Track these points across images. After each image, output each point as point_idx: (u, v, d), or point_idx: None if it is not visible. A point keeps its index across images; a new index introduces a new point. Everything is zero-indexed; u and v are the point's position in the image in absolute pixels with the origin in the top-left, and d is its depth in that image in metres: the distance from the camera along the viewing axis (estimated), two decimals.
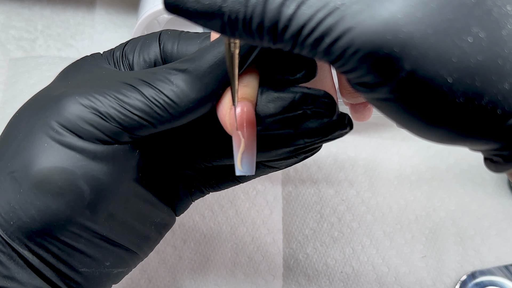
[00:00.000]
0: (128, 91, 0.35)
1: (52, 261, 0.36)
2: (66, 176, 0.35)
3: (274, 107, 0.37)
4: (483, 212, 0.56)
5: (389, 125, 0.59)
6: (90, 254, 0.37)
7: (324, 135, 0.38)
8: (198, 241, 0.53)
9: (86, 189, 0.35)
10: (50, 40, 0.62)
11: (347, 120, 0.38)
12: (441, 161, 0.58)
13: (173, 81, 0.35)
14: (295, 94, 0.37)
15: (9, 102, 0.58)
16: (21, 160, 0.35)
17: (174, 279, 0.51)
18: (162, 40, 0.39)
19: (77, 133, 0.35)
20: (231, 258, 0.53)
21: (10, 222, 0.35)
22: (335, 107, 0.37)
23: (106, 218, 0.37)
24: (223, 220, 0.54)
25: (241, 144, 0.36)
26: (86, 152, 0.35)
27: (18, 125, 0.36)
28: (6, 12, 0.63)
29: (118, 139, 0.36)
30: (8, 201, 0.35)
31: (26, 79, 0.59)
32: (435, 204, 0.57)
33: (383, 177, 0.57)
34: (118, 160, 0.36)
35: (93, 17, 0.63)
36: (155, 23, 0.52)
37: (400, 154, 0.59)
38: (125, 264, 0.40)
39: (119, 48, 0.40)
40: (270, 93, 0.37)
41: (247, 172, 0.36)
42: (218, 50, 0.35)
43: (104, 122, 0.35)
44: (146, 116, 0.35)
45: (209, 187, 0.43)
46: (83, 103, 0.35)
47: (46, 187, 0.35)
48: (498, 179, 0.58)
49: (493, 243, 0.55)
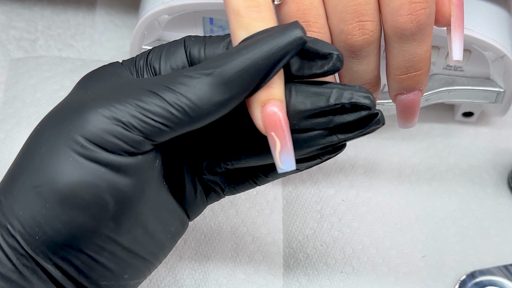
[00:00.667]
0: (148, 98, 0.35)
1: (74, 275, 0.36)
2: (91, 189, 0.35)
3: (310, 103, 0.37)
4: (483, 212, 0.56)
5: (389, 125, 0.59)
6: (111, 267, 0.37)
7: (359, 129, 0.38)
8: (198, 241, 0.53)
9: (110, 201, 0.35)
10: (51, 40, 0.62)
11: (380, 115, 0.38)
12: (441, 161, 0.58)
13: (196, 85, 0.35)
14: (331, 89, 0.37)
15: (9, 102, 0.58)
16: (45, 175, 0.35)
17: (174, 278, 0.51)
18: (188, 46, 0.39)
19: (101, 145, 0.35)
20: (232, 258, 0.53)
21: (35, 236, 0.35)
22: (373, 99, 0.37)
23: (129, 229, 0.37)
24: (224, 220, 0.54)
25: (276, 144, 0.36)
26: (111, 165, 0.35)
27: (39, 139, 0.36)
28: (6, 12, 0.63)
29: (140, 148, 0.36)
30: (33, 216, 0.35)
31: (26, 79, 0.59)
32: (435, 204, 0.57)
33: (383, 177, 0.57)
34: (141, 171, 0.36)
35: (93, 18, 0.63)
36: (155, 24, 0.52)
37: (400, 154, 0.59)
38: (141, 275, 0.40)
39: (141, 57, 0.40)
40: (305, 89, 0.38)
41: (288, 168, 0.37)
42: (246, 57, 0.36)
43: (127, 132, 0.35)
44: (167, 121, 0.35)
45: (227, 189, 0.43)
46: (106, 115, 0.35)
47: (72, 201, 0.35)
48: (498, 179, 0.58)
49: (493, 243, 0.55)
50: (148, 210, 0.38)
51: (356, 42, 0.39)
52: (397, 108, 0.43)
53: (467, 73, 0.54)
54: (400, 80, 0.41)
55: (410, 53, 0.40)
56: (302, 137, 0.38)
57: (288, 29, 0.36)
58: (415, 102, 0.42)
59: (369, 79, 0.41)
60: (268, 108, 0.36)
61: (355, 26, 0.39)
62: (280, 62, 0.36)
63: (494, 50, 0.51)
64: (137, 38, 0.52)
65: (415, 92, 0.42)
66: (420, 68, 0.41)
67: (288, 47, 0.36)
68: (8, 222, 0.35)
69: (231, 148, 0.41)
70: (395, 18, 0.39)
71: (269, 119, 0.36)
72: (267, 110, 0.36)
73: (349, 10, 0.39)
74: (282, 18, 0.40)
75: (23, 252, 0.35)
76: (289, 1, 0.39)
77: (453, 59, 0.41)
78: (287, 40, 0.36)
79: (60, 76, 0.59)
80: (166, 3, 0.50)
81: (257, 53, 0.36)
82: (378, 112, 0.38)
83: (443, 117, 0.60)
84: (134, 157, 0.36)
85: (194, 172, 0.42)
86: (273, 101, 0.36)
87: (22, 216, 0.35)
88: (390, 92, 0.43)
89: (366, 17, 0.39)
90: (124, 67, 0.40)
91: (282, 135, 0.36)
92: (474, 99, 0.55)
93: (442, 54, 0.53)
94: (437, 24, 0.41)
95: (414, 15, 0.38)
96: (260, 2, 0.37)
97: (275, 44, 0.36)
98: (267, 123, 0.36)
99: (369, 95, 0.37)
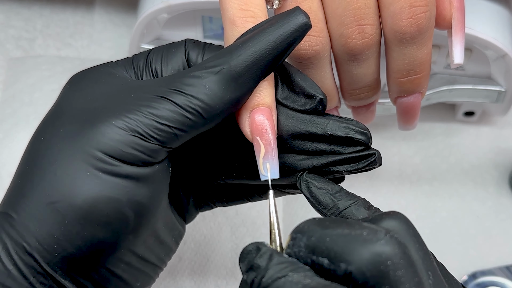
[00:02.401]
0: (159, 104, 0.35)
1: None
2: (112, 204, 0.34)
3: (304, 129, 0.37)
4: (484, 212, 0.56)
5: (389, 125, 0.59)
6: (126, 277, 0.37)
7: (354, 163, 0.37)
8: (198, 242, 0.53)
9: (131, 215, 0.35)
10: (49, 39, 0.62)
11: (377, 156, 0.37)
12: (441, 161, 0.58)
13: (205, 85, 0.35)
14: (329, 120, 0.37)
15: (8, 102, 0.58)
16: (62, 191, 0.34)
17: (174, 279, 0.51)
18: (187, 48, 0.39)
19: (120, 158, 0.34)
20: (231, 259, 0.52)
21: (54, 253, 0.34)
22: (370, 136, 0.37)
23: (144, 239, 0.37)
24: (223, 221, 0.54)
25: (260, 149, 0.36)
26: (130, 177, 0.34)
27: (48, 152, 0.35)
28: (5, 12, 0.62)
29: (157, 157, 0.35)
30: (51, 233, 0.34)
31: (25, 79, 0.59)
32: (436, 204, 0.56)
33: (383, 177, 0.57)
34: (157, 180, 0.36)
35: (92, 17, 0.63)
36: (154, 23, 0.52)
37: (400, 154, 0.59)
38: (151, 281, 0.40)
39: (140, 57, 0.39)
40: (300, 116, 0.37)
41: (272, 176, 0.36)
42: (253, 49, 0.35)
43: (145, 142, 0.34)
44: (182, 126, 0.35)
45: (218, 202, 0.42)
46: (120, 126, 0.34)
47: (93, 217, 0.34)
48: (499, 179, 0.58)
49: (494, 243, 0.55)
50: (161, 218, 0.38)
51: (356, 46, 0.39)
52: (398, 110, 0.43)
53: (468, 72, 0.54)
54: (401, 83, 0.41)
55: (410, 57, 0.40)
56: (296, 159, 0.38)
57: (291, 16, 0.36)
58: (415, 105, 0.42)
59: (369, 82, 0.41)
60: (255, 114, 0.36)
61: (355, 29, 0.39)
62: (288, 51, 0.36)
63: (495, 49, 0.50)
64: (136, 37, 0.52)
65: (416, 95, 0.42)
66: (421, 71, 0.40)
67: (294, 34, 0.35)
68: (24, 240, 0.34)
69: (222, 164, 0.40)
70: (395, 21, 0.39)
71: (256, 124, 0.36)
72: (254, 116, 0.36)
73: (348, 13, 0.39)
74: None
75: (41, 270, 0.34)
76: (287, 5, 0.39)
77: (454, 63, 0.41)
78: (293, 27, 0.35)
79: (58, 76, 0.59)
80: (165, 2, 0.50)
81: (264, 44, 0.35)
82: (375, 153, 0.37)
83: (444, 117, 0.60)
84: (151, 167, 0.35)
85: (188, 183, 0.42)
86: (261, 107, 0.36)
87: (39, 233, 0.34)
88: (390, 94, 0.42)
89: (365, 21, 0.39)
90: (120, 67, 0.39)
91: (267, 140, 0.36)
92: (475, 98, 0.55)
93: (443, 53, 0.53)
94: (438, 27, 0.41)
95: (414, 19, 0.38)
96: (256, 13, 0.37)
97: (281, 33, 0.35)
98: (253, 128, 0.36)
99: (366, 132, 0.37)
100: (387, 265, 0.28)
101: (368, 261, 0.28)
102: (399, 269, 0.28)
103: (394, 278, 0.28)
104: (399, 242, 0.29)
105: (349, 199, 0.36)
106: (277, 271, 0.30)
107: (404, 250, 0.29)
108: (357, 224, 0.30)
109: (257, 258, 0.31)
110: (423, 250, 0.31)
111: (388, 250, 0.29)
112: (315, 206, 0.37)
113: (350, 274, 0.29)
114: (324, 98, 0.37)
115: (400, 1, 0.38)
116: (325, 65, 0.40)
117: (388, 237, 0.29)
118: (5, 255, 0.34)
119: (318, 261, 0.30)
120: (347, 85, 0.42)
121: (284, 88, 0.38)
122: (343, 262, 0.29)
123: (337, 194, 0.37)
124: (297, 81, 0.37)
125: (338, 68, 0.41)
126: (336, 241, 0.29)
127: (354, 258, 0.29)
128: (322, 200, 0.37)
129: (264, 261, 0.31)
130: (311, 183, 0.37)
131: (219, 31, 0.54)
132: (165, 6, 0.50)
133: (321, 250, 0.30)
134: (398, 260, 0.29)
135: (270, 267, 0.30)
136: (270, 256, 0.31)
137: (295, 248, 0.31)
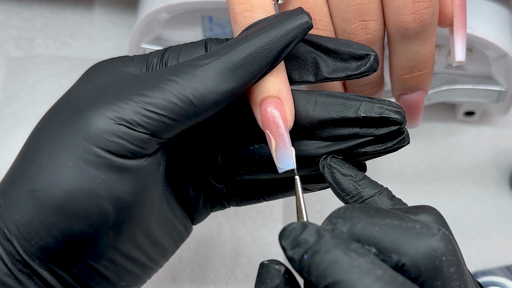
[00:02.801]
0: (151, 92, 0.34)
1: (71, 282, 0.35)
2: (91, 198, 0.34)
3: (336, 113, 0.36)
4: (485, 212, 0.56)
5: None
6: (109, 275, 0.36)
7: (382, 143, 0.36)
8: (198, 242, 0.53)
9: (110, 210, 0.34)
10: (49, 39, 0.62)
11: (406, 133, 0.37)
12: (442, 160, 0.58)
13: (201, 73, 0.34)
14: (360, 102, 0.36)
15: (7, 102, 0.58)
16: (44, 179, 0.34)
17: (174, 279, 0.51)
18: (209, 47, 0.38)
19: (105, 147, 0.33)
20: (231, 259, 0.52)
21: (32, 242, 0.34)
22: (404, 115, 0.36)
23: (130, 237, 0.36)
24: (223, 221, 0.54)
25: (272, 142, 0.36)
26: (113, 169, 0.34)
27: (39, 140, 0.35)
28: (4, 11, 0.62)
29: (146, 148, 0.34)
30: (30, 221, 0.34)
31: (25, 79, 0.59)
32: (436, 204, 0.56)
33: (383, 177, 0.57)
34: (145, 175, 0.35)
35: (92, 16, 0.63)
36: (154, 22, 0.52)
37: (400, 153, 0.58)
38: (140, 281, 0.39)
39: (155, 55, 0.38)
40: (331, 100, 0.37)
41: (285, 167, 0.36)
42: (252, 43, 0.35)
43: (131, 131, 0.34)
44: (171, 113, 0.34)
45: (233, 201, 0.41)
46: (108, 115, 0.33)
47: (71, 209, 0.33)
48: (500, 179, 0.58)
49: (495, 243, 0.55)
50: (151, 216, 0.37)
51: (359, 42, 0.39)
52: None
53: (468, 72, 0.54)
54: (404, 80, 0.41)
55: (413, 53, 0.40)
56: (319, 146, 0.37)
57: (293, 15, 0.36)
58: (419, 102, 0.42)
59: (372, 78, 0.41)
60: (264, 106, 0.36)
61: (358, 25, 0.39)
62: (287, 48, 0.35)
63: (495, 49, 0.50)
64: (136, 36, 0.52)
65: (419, 92, 0.41)
66: (424, 68, 0.40)
67: (295, 32, 0.35)
68: (5, 226, 0.34)
69: (240, 158, 0.39)
70: (399, 17, 0.38)
71: (265, 116, 0.36)
72: (263, 108, 0.36)
73: (351, 9, 0.39)
74: None
75: (19, 257, 0.34)
76: (293, 0, 0.39)
77: (456, 60, 0.41)
78: (294, 25, 0.35)
79: (58, 76, 0.59)
80: (165, 2, 0.50)
81: (264, 39, 0.35)
82: (404, 130, 0.36)
83: (445, 117, 0.60)
84: (139, 160, 0.34)
85: (199, 179, 0.41)
86: (269, 99, 0.36)
87: (19, 221, 0.34)
88: (393, 92, 0.42)
89: (369, 17, 0.39)
90: (133, 62, 0.38)
91: (276, 132, 0.35)
92: (475, 98, 0.55)
93: (443, 53, 0.53)
94: (440, 25, 0.41)
95: (417, 15, 0.38)
96: (253, 4, 0.37)
97: (282, 29, 0.35)
98: (263, 121, 0.36)
99: (401, 110, 0.36)
100: (442, 260, 0.28)
101: (424, 255, 0.28)
102: (452, 266, 0.29)
103: (447, 274, 0.28)
104: (451, 239, 0.29)
105: (373, 188, 0.35)
106: (332, 246, 0.28)
107: (455, 247, 0.29)
108: (406, 216, 0.30)
109: (304, 233, 0.29)
110: (458, 248, 0.31)
111: (443, 246, 0.29)
112: (337, 193, 0.36)
113: (403, 266, 0.28)
114: (377, 55, 0.37)
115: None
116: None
117: (442, 233, 0.29)
118: None
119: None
120: (350, 81, 0.42)
121: (327, 63, 0.37)
122: (396, 254, 0.28)
123: (361, 182, 0.36)
124: (342, 48, 0.37)
125: None
126: (387, 232, 0.29)
127: (408, 251, 0.28)
128: (346, 187, 0.36)
129: (313, 237, 0.29)
130: (335, 168, 0.36)
131: (219, 31, 0.54)
132: (165, 6, 0.50)
133: (368, 238, 0.29)
134: (451, 257, 0.29)
135: (324, 242, 0.28)
136: (318, 232, 0.29)
137: (335, 234, 0.29)
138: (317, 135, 0.37)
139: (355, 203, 0.35)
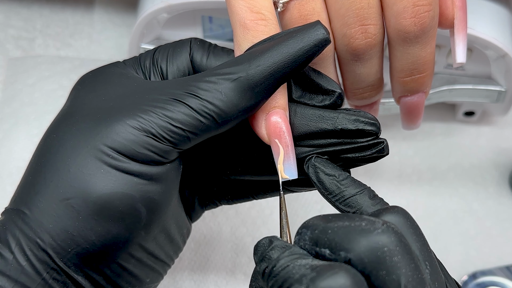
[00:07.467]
0: (173, 106, 0.35)
1: (103, 283, 0.36)
2: (126, 200, 0.35)
3: (315, 126, 0.38)
4: (485, 212, 0.56)
5: (389, 125, 0.59)
6: (136, 273, 0.38)
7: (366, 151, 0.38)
8: (198, 242, 0.53)
9: (143, 211, 0.36)
10: (49, 39, 0.62)
11: (385, 144, 0.38)
12: (442, 160, 0.58)
13: (221, 91, 0.35)
14: (338, 114, 0.38)
15: (7, 102, 0.58)
16: (76, 187, 0.34)
17: (174, 279, 0.51)
18: (192, 49, 0.39)
19: (132, 156, 0.35)
20: (231, 259, 0.52)
21: (68, 249, 0.35)
22: (379, 126, 0.38)
23: (155, 236, 0.38)
24: (223, 221, 0.54)
25: (280, 151, 0.37)
26: (143, 175, 0.35)
27: (61, 149, 0.36)
28: (4, 12, 0.62)
29: (168, 157, 0.36)
30: (65, 229, 0.35)
31: (25, 79, 0.59)
32: (436, 204, 0.56)
33: (383, 177, 0.57)
34: (168, 178, 0.36)
35: (92, 16, 0.63)
36: (154, 22, 0.52)
37: (400, 154, 0.59)
38: (160, 278, 0.40)
39: (147, 57, 0.39)
40: (309, 111, 0.38)
41: (291, 176, 0.37)
42: (272, 61, 0.36)
43: (158, 143, 0.35)
44: (195, 129, 0.35)
45: (224, 200, 0.43)
46: (134, 126, 0.35)
47: (107, 213, 0.35)
48: (500, 179, 0.58)
49: (495, 243, 0.55)
50: (172, 215, 0.39)
51: (359, 46, 0.39)
52: (401, 110, 0.43)
53: (468, 72, 0.54)
54: (404, 82, 0.41)
55: (414, 56, 0.40)
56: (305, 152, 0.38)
57: (310, 30, 0.36)
58: (419, 104, 0.42)
59: (372, 81, 0.41)
60: (271, 116, 0.37)
61: (358, 29, 0.39)
62: (305, 64, 0.36)
63: (495, 49, 0.50)
64: (136, 36, 0.52)
65: (419, 94, 0.42)
66: (424, 71, 0.40)
67: (313, 49, 0.36)
68: (37, 236, 0.35)
69: (227, 159, 0.40)
70: (399, 21, 0.39)
71: (273, 126, 0.37)
72: (270, 118, 0.37)
73: (351, 14, 0.39)
74: (285, 24, 0.40)
75: (54, 265, 0.35)
76: (291, 7, 0.39)
77: (457, 62, 0.41)
78: (312, 41, 0.36)
79: (58, 76, 0.59)
80: (165, 2, 0.49)
81: (283, 57, 0.36)
82: (383, 141, 0.38)
83: (445, 117, 0.60)
84: (162, 166, 0.36)
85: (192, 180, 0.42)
86: (276, 110, 0.37)
87: (53, 229, 0.35)
88: (394, 94, 0.42)
89: (368, 21, 0.39)
90: (128, 67, 0.39)
91: (285, 142, 0.37)
92: (475, 98, 0.55)
93: (443, 53, 0.53)
94: (441, 27, 0.41)
95: (417, 18, 0.38)
96: (267, 15, 0.37)
97: (300, 46, 0.36)
98: (270, 130, 0.37)
99: (375, 122, 0.38)
100: (384, 251, 0.30)
101: (366, 248, 0.30)
102: (395, 255, 0.30)
103: (391, 263, 0.30)
104: (396, 231, 0.31)
105: (355, 188, 0.37)
106: (287, 261, 0.31)
107: (400, 238, 0.31)
108: (357, 216, 0.32)
109: (269, 250, 0.32)
110: (420, 241, 0.33)
111: (384, 238, 0.30)
112: (321, 192, 0.38)
113: (350, 261, 0.30)
114: (342, 93, 0.38)
115: (404, 1, 0.38)
116: (329, 65, 0.40)
117: (385, 227, 0.31)
118: (18, 251, 0.35)
119: (321, 252, 0.31)
120: (350, 84, 0.42)
121: (297, 87, 0.38)
122: (343, 251, 0.30)
123: (344, 181, 0.37)
124: (313, 78, 0.38)
125: (341, 68, 0.42)
126: (337, 233, 0.31)
127: (353, 247, 0.30)
128: (328, 187, 0.37)
129: (276, 253, 0.32)
130: (319, 168, 0.38)
131: (219, 31, 0.54)
132: (165, 6, 0.50)
133: (323, 242, 0.31)
134: (394, 247, 0.30)
135: (281, 257, 0.32)
136: (281, 248, 0.32)
137: (301, 242, 0.32)
138: (299, 144, 0.38)
139: (337, 202, 0.37)
